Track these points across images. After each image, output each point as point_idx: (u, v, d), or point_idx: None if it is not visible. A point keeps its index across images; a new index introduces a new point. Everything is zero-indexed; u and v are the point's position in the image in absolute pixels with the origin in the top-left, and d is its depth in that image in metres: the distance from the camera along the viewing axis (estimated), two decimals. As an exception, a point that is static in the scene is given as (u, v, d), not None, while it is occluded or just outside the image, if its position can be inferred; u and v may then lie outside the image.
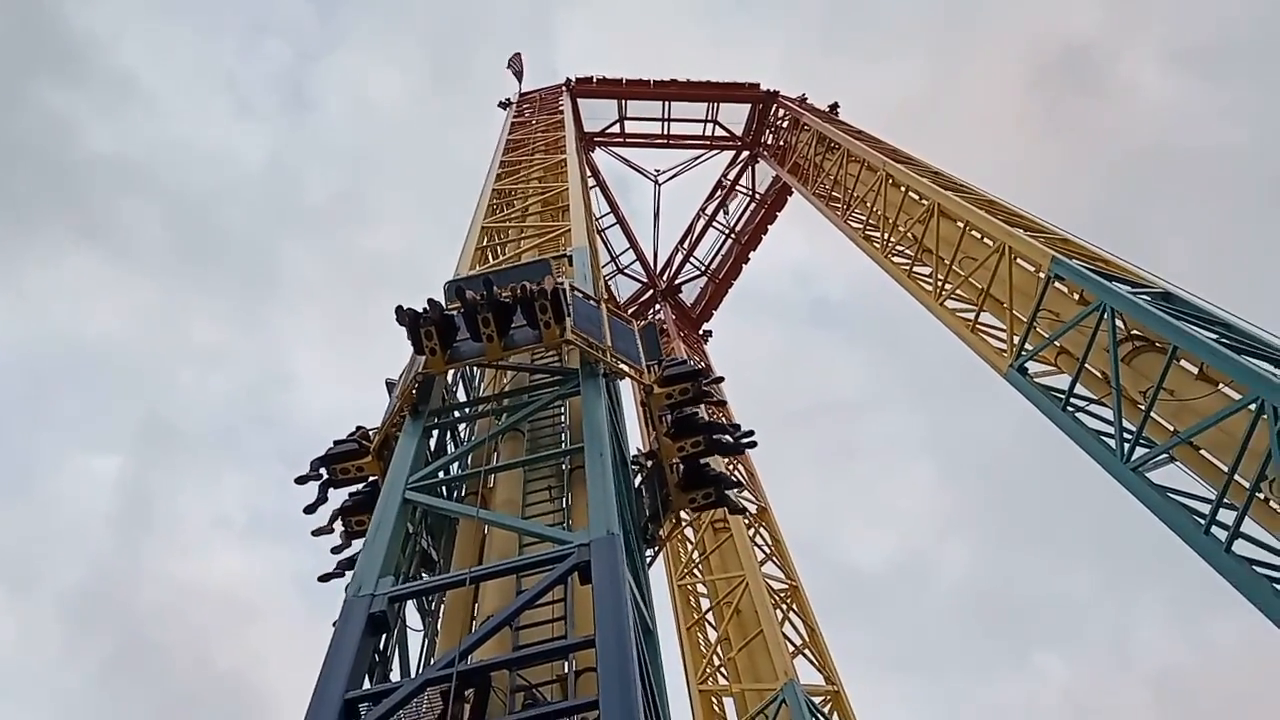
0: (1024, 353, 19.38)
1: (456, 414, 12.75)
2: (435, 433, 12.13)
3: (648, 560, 11.38)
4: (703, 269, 40.76)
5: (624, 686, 6.81)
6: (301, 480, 11.76)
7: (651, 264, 40.91)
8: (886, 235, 26.08)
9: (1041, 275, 18.93)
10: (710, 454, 12.22)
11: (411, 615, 10.43)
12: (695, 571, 25.87)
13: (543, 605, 8.56)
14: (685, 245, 40.90)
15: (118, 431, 65.93)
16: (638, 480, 12.06)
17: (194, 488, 60.41)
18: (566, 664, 8.26)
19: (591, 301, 13.11)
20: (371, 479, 11.86)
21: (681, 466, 12.24)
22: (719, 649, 23.67)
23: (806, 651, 22.90)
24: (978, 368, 21.19)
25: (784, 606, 24.16)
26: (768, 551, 26.51)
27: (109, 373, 63.61)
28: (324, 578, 11.18)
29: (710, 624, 24.55)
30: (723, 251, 40.38)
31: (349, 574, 9.46)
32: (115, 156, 64.89)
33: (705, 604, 25.14)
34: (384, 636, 8.75)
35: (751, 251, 40.19)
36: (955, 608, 59.02)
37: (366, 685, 7.82)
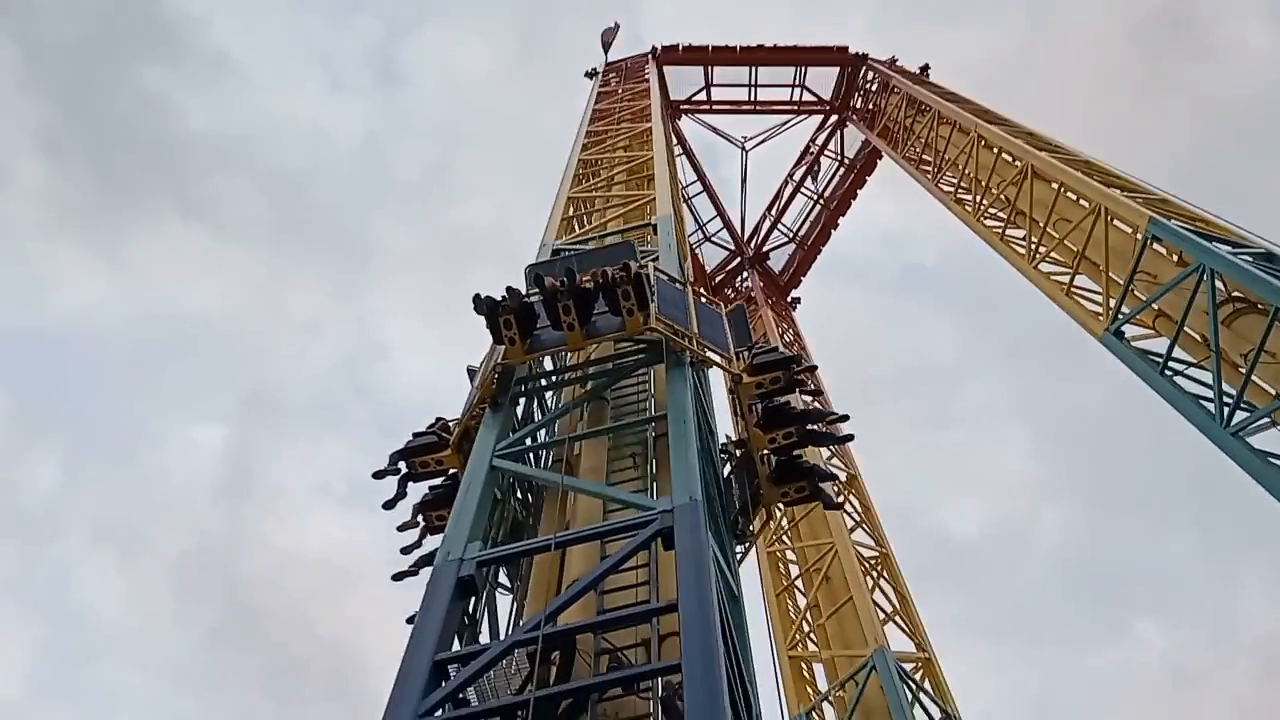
0: (1120, 316, 18.96)
1: (543, 382, 12.82)
2: (522, 400, 12.13)
3: (739, 556, 10.96)
4: (791, 236, 40.49)
5: (706, 649, 6.88)
6: (379, 475, 11.37)
7: (739, 231, 40.74)
8: (978, 198, 25.64)
9: (1139, 236, 18.49)
10: (803, 446, 11.67)
11: (503, 578, 10.65)
12: (784, 538, 25.86)
13: (627, 570, 8.67)
14: (773, 212, 40.66)
15: (220, 402, 67.94)
16: (727, 470, 11.74)
17: (294, 457, 62.03)
18: (651, 628, 8.36)
19: (677, 284, 12.84)
20: (452, 472, 11.44)
21: (773, 459, 11.65)
22: (808, 615, 23.65)
23: (897, 619, 22.77)
24: (1072, 332, 20.81)
25: (874, 574, 24.05)
26: (857, 519, 26.39)
27: (211, 345, 65.45)
28: (398, 576, 10.63)
29: (799, 590, 24.55)
30: (811, 217, 40.05)
31: (425, 570, 9.17)
32: (212, 134, 66.49)
33: (794, 570, 25.13)
34: (473, 600, 8.94)
35: (840, 217, 39.81)
36: (1050, 575, 58.23)
37: (456, 647, 8.01)
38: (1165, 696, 53.19)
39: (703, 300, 12.88)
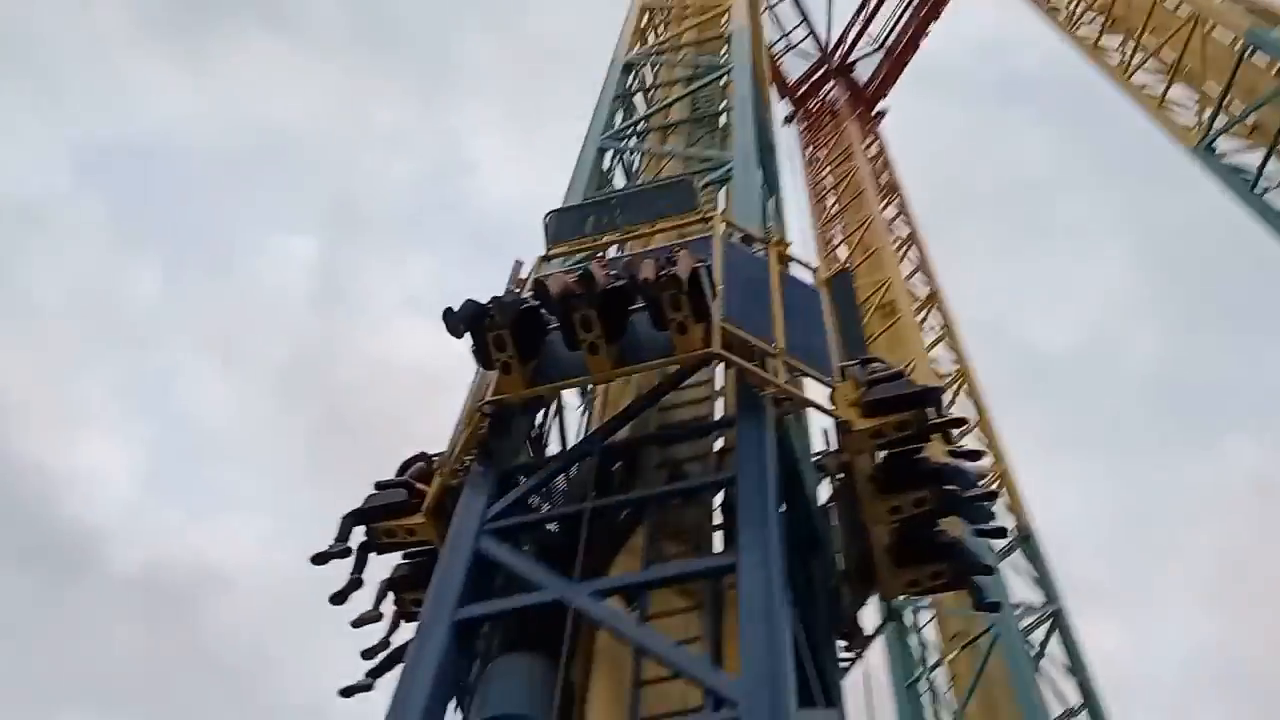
0: (1213, 130, 18.34)
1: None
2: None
3: (843, 666, 8.14)
4: (879, 44, 39.22)
5: (760, 463, 7.15)
6: (320, 559, 7.79)
7: (824, 40, 39.57)
8: (1073, 5, 24.58)
9: (1236, 47, 17.70)
10: (947, 515, 8.03)
11: (572, 395, 10.92)
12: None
13: (689, 387, 8.89)
14: (860, 18, 39.32)
15: (310, 214, 69.01)
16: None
17: (383, 269, 62.97)
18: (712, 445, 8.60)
19: (755, 248, 9.54)
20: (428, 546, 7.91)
21: (895, 529, 7.98)
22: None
23: (975, 433, 23.01)
24: (1174, 147, 20.17)
25: (953, 390, 24.20)
26: (938, 334, 26.43)
27: (297, 157, 65.99)
28: (346, 692, 7.63)
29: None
30: (901, 23, 38.64)
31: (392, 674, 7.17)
32: (294, -58, 65.53)
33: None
34: (543, 412, 9.21)
35: (933, 22, 38.32)
36: (1141, 391, 57.74)
37: (523, 458, 8.38)
38: (1254, 510, 53.17)
39: (790, 271, 9.39)
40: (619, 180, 14.11)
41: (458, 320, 7.78)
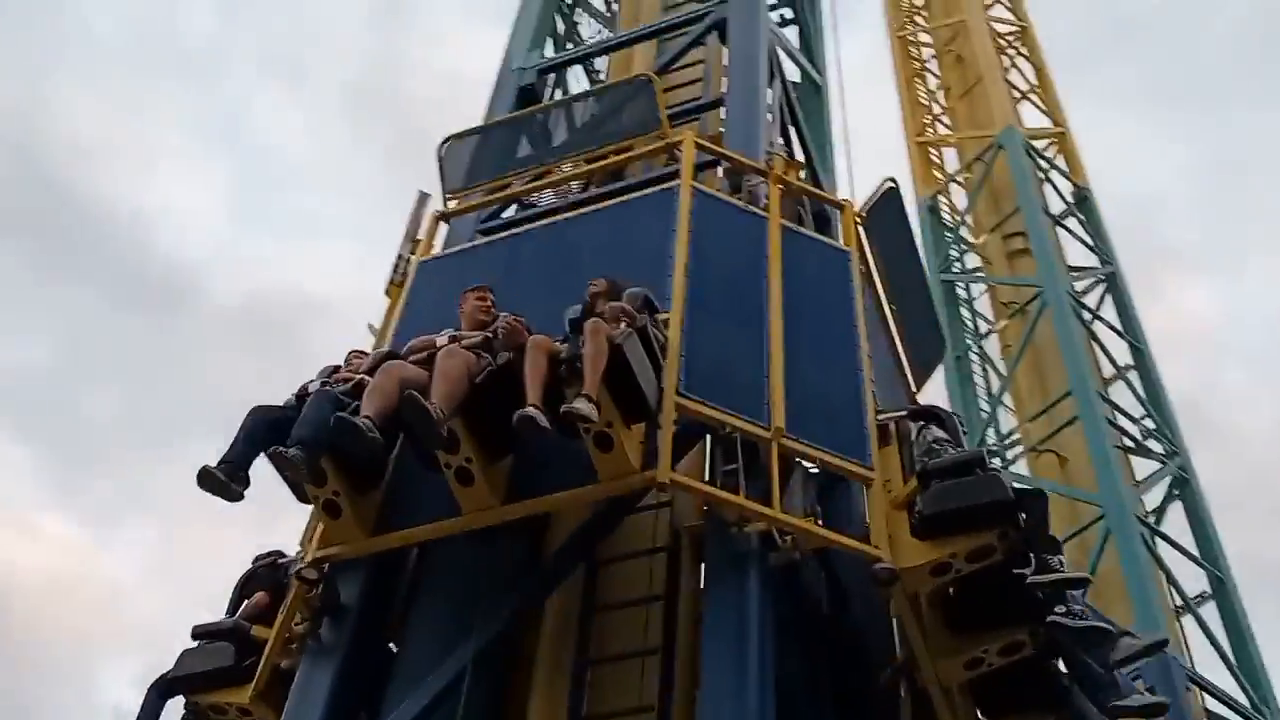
0: None
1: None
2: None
3: None
4: None
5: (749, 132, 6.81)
6: None
7: None
8: None
9: None
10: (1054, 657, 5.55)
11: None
12: (916, 19, 24.62)
13: (682, 68, 8.45)
14: None
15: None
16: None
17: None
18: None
19: (752, 185, 6.67)
20: None
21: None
22: (939, 97, 23.03)
23: (1033, 96, 21.97)
24: None
25: (1010, 51, 22.94)
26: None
27: None
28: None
29: (931, 73, 23.72)
30: None
31: None
32: None
33: (926, 53, 24.11)
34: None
35: None
36: (1240, 34, 54.11)
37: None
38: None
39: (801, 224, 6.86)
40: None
41: (228, 480, 5.21)
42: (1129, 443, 14.80)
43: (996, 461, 15.18)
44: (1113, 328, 16.57)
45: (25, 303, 41.96)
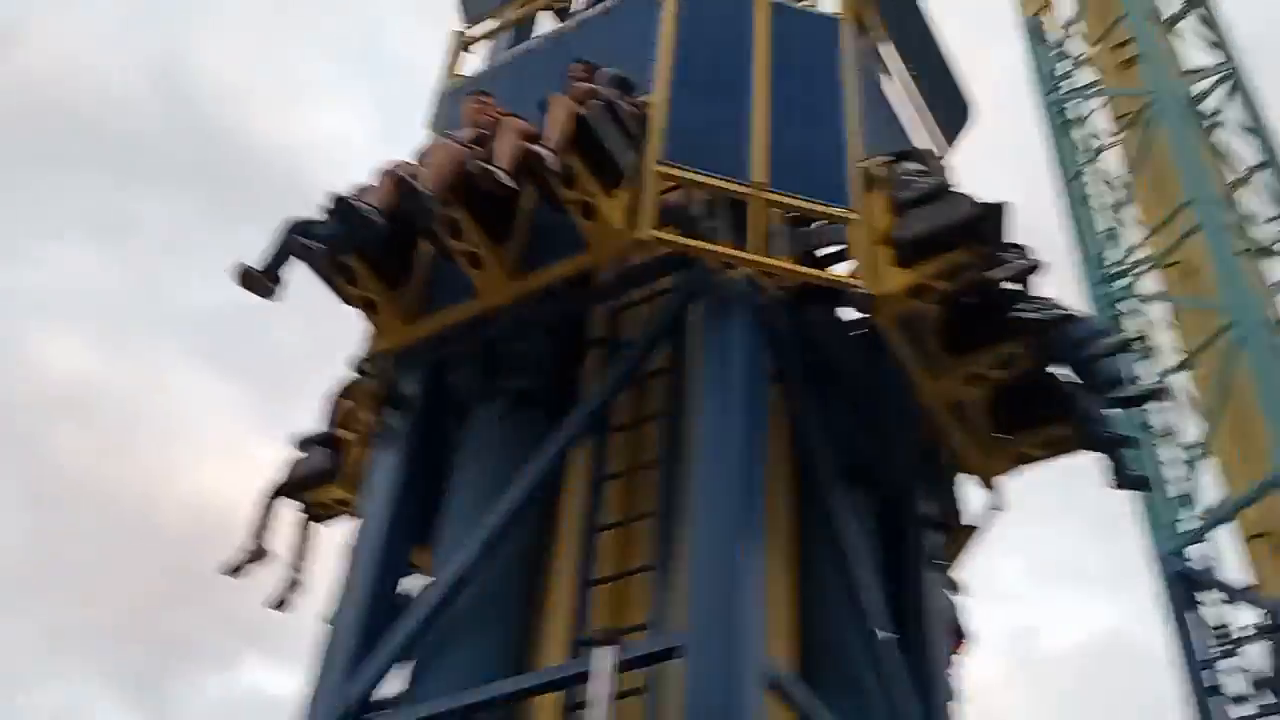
0: None
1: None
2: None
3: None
4: None
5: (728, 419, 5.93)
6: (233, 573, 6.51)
7: None
8: None
9: None
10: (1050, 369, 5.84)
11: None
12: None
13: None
14: None
15: None
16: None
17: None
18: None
19: None
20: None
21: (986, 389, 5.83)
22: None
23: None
24: None
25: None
26: None
27: None
28: None
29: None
30: None
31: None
32: None
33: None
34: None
35: None
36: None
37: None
38: None
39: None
40: None
41: (260, 277, 5.36)
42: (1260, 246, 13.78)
43: (1124, 281, 14.81)
44: (1244, 128, 15.26)
45: (207, 247, 39.44)
